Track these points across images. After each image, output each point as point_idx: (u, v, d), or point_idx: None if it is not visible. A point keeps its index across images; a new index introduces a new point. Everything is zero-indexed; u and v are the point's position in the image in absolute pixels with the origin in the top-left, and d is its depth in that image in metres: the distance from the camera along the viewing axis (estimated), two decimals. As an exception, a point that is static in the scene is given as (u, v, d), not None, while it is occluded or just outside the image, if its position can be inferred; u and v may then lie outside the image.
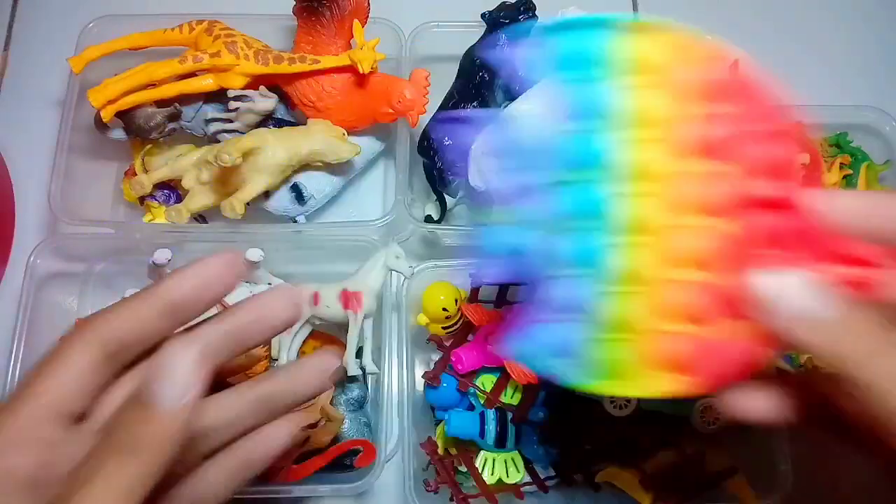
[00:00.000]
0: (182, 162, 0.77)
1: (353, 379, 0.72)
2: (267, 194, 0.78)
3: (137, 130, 0.78)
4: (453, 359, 0.67)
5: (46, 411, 0.32)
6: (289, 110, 0.84)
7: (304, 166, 0.78)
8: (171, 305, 0.34)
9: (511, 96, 0.78)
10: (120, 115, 0.77)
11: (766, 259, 0.32)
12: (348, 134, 0.78)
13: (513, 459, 0.67)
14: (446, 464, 0.67)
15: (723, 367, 0.33)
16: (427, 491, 0.65)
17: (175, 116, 0.78)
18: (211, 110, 0.79)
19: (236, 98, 0.77)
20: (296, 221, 0.80)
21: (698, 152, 0.33)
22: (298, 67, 0.76)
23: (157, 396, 0.29)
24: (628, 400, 0.64)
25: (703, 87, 0.34)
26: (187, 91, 0.77)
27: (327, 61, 0.76)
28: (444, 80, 0.78)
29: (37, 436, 0.31)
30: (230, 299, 0.72)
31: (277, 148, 0.74)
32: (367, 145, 0.81)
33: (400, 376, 0.69)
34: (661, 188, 0.32)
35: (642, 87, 0.33)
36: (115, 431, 0.30)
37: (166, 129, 0.78)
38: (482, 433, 0.66)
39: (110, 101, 0.76)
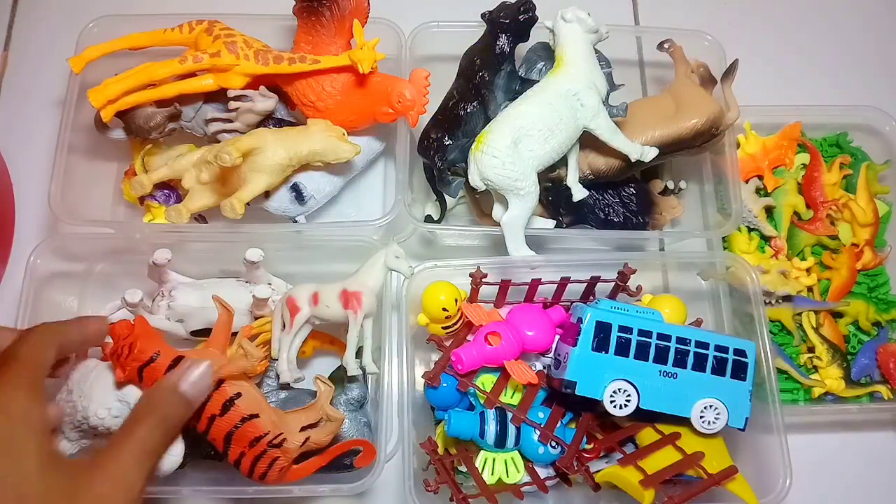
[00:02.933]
0: (182, 162, 0.77)
1: (353, 379, 0.72)
2: (267, 194, 0.78)
3: (137, 130, 0.78)
4: (453, 359, 0.67)
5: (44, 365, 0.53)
6: (289, 110, 0.84)
7: (304, 166, 0.78)
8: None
9: (511, 96, 0.78)
10: (120, 115, 0.77)
11: None
12: (348, 134, 0.78)
13: (513, 459, 0.67)
14: (446, 464, 0.67)
15: None
16: (427, 491, 0.65)
17: (175, 116, 0.78)
18: (211, 110, 0.79)
19: (236, 98, 0.77)
20: (296, 221, 0.80)
21: None
22: (298, 67, 0.76)
23: (189, 393, 0.56)
24: (628, 399, 0.64)
25: None
26: (187, 91, 0.77)
27: (327, 61, 0.76)
28: (444, 80, 0.78)
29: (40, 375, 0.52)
30: (229, 299, 0.73)
31: (277, 148, 0.74)
32: (367, 145, 0.81)
33: (400, 376, 0.69)
34: None
35: None
36: (153, 407, 0.55)
37: (166, 129, 0.78)
38: (482, 433, 0.66)
39: (110, 101, 0.76)
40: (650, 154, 0.75)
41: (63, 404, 0.66)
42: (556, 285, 0.73)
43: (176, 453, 0.63)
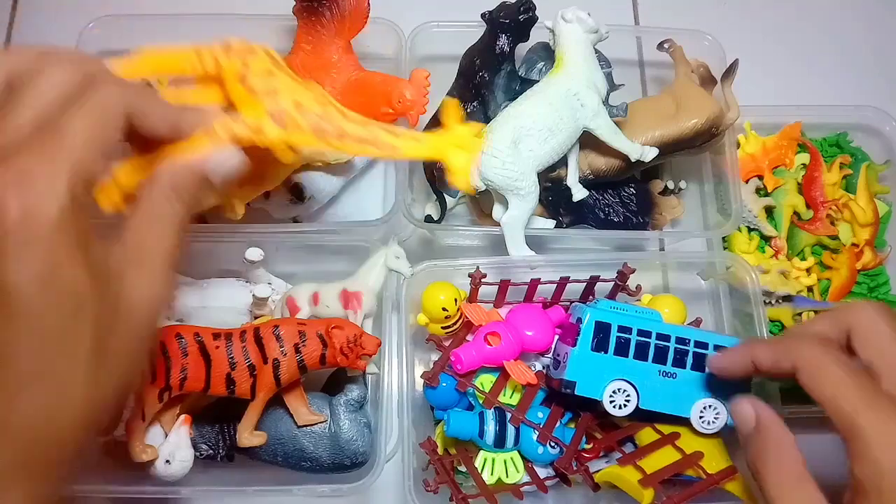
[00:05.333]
0: (182, 162, 0.77)
1: (353, 379, 0.72)
2: (267, 194, 0.78)
3: None
4: (452, 359, 0.67)
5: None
6: (289, 110, 0.83)
7: (304, 166, 0.78)
8: None
9: (511, 96, 0.78)
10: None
11: None
12: (348, 134, 0.78)
13: (512, 459, 0.67)
14: (446, 464, 0.67)
15: None
16: (427, 491, 0.65)
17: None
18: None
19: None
20: (296, 221, 0.80)
21: None
22: (368, 151, 0.53)
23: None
24: (628, 399, 0.64)
25: None
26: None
27: (408, 149, 0.54)
28: (444, 80, 0.78)
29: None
30: (229, 299, 0.73)
31: (277, 148, 0.74)
32: (367, 145, 0.81)
33: (400, 376, 0.69)
34: None
35: None
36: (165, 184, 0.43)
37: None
38: (481, 433, 0.66)
39: None
40: (650, 154, 0.75)
41: None
42: (555, 285, 0.73)
43: (186, 458, 0.63)
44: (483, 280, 0.71)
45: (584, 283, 0.73)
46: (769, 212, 0.86)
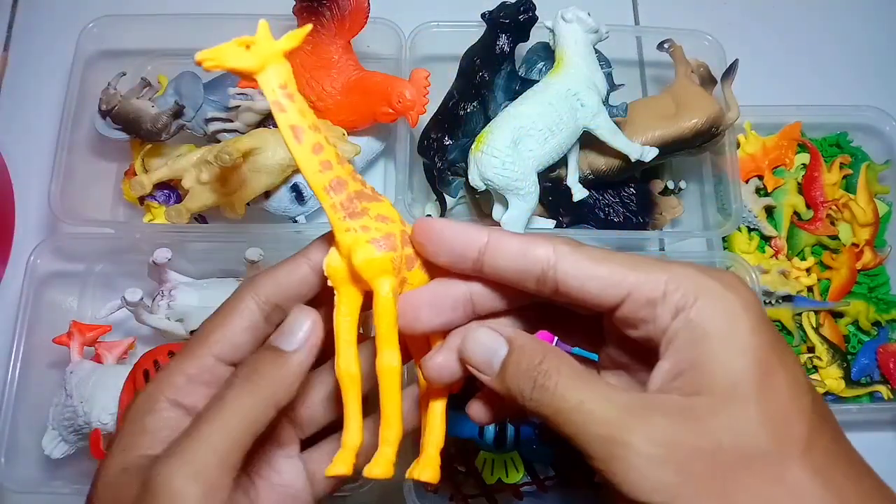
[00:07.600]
0: (182, 162, 0.77)
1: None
2: (267, 194, 0.78)
3: (147, 135, 0.77)
4: (453, 359, 0.67)
5: (217, 358, 0.39)
6: (289, 110, 0.83)
7: (304, 166, 0.78)
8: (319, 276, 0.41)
9: (511, 96, 0.78)
10: (121, 120, 0.77)
11: None
12: (348, 134, 0.78)
13: (512, 459, 0.67)
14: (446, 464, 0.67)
15: None
16: (427, 491, 0.65)
17: (179, 112, 0.78)
18: (211, 110, 0.79)
19: (237, 95, 0.77)
20: (296, 221, 0.80)
21: None
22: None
23: (283, 344, 0.38)
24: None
25: None
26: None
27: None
28: (444, 80, 0.78)
29: (209, 377, 0.39)
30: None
31: (277, 148, 0.74)
32: (367, 145, 0.81)
33: (400, 376, 0.69)
34: None
35: None
36: (247, 367, 0.38)
37: (173, 128, 0.78)
38: (481, 433, 0.66)
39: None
40: (650, 154, 0.75)
41: (63, 409, 0.66)
42: (555, 285, 0.73)
43: None
44: (483, 280, 0.71)
45: (584, 283, 0.73)
46: (769, 212, 0.86)
